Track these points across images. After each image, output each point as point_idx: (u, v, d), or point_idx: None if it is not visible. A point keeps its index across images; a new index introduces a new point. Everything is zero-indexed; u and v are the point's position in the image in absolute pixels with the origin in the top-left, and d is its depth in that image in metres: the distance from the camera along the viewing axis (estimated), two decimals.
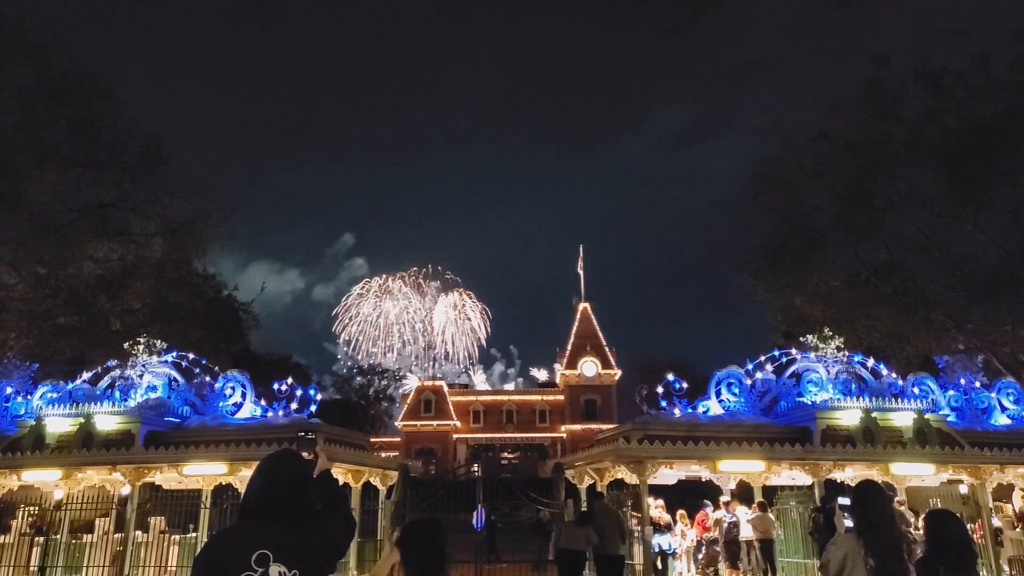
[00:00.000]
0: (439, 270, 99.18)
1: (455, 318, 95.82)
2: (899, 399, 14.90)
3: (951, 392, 17.01)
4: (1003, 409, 17.19)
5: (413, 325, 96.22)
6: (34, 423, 15.19)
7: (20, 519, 15.35)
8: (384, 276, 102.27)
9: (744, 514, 14.89)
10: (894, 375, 15.99)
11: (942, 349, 22.97)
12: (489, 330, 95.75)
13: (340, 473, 15.03)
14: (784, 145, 25.81)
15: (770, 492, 16.49)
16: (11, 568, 14.44)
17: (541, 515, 19.59)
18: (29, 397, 16.73)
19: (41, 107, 21.16)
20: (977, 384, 17.64)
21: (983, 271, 22.27)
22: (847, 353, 15.88)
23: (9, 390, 17.34)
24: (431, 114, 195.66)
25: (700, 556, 15.88)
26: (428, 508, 15.64)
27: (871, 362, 16.10)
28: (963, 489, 15.26)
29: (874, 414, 14.58)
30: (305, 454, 3.05)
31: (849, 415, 14.59)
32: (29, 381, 17.68)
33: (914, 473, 14.91)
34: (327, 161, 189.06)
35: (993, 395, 17.32)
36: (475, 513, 18.87)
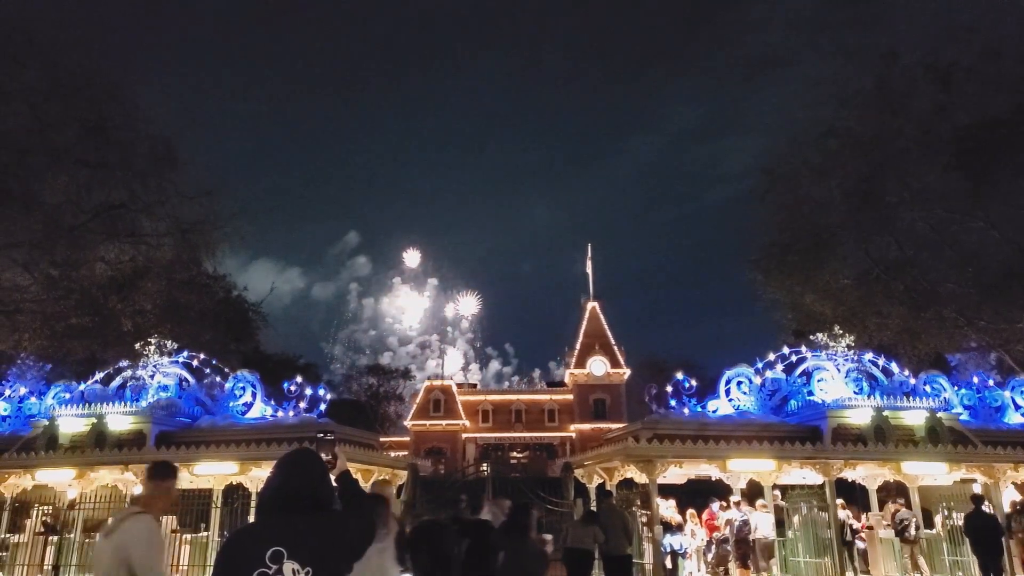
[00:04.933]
0: (439, 270, 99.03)
1: (452, 320, 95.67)
2: (911, 397, 14.81)
3: (964, 390, 16.90)
4: (1016, 407, 17.04)
5: (408, 329, 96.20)
6: (47, 423, 15.34)
7: (34, 518, 15.50)
8: (380, 288, 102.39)
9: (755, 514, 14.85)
10: (906, 373, 15.89)
11: (954, 347, 22.81)
12: (483, 330, 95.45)
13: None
14: (793, 142, 25.68)
15: (780, 491, 16.42)
16: (26, 567, 14.59)
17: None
18: (42, 397, 16.89)
19: (51, 109, 21.29)
20: (990, 382, 17.50)
21: (995, 267, 22.08)
22: (858, 351, 15.79)
23: (23, 390, 17.52)
24: (439, 113, 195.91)
25: (710, 556, 15.84)
26: (437, 507, 15.67)
27: (882, 360, 16.00)
28: (976, 488, 15.16)
29: (885, 412, 14.49)
30: (324, 455, 3.06)
31: (860, 414, 14.50)
32: (42, 381, 17.86)
33: (926, 472, 14.82)
34: (334, 160, 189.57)
35: (1006, 393, 17.18)
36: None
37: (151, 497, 4.36)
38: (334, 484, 3.00)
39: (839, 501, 15.28)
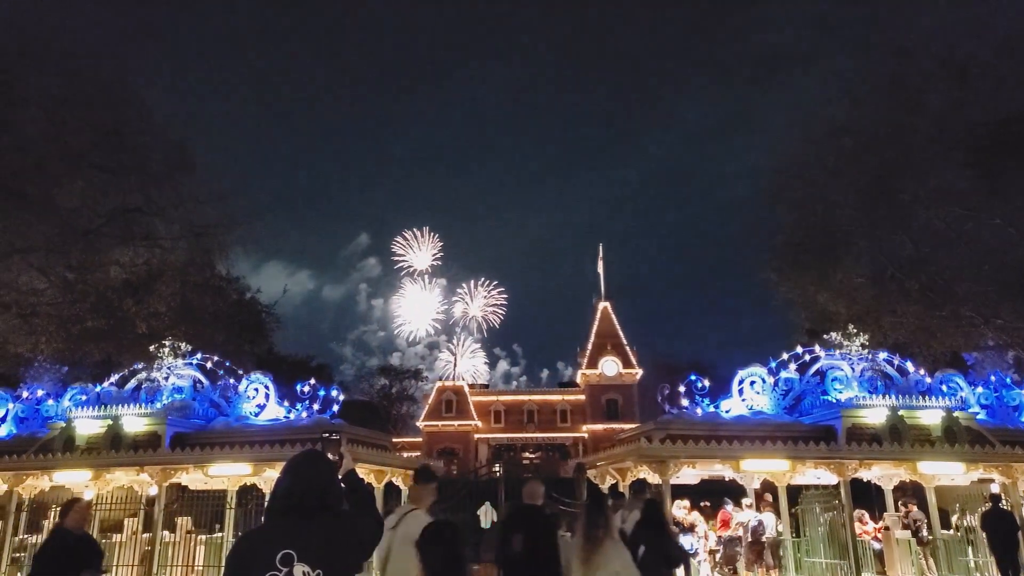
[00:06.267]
0: (448, 271, 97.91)
1: (462, 319, 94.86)
2: (927, 397, 14.65)
3: (981, 389, 16.68)
4: None
5: (417, 331, 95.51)
6: (64, 425, 15.52)
7: (51, 519, 15.68)
8: (390, 288, 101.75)
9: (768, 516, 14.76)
10: (921, 372, 15.71)
11: (971, 345, 22.54)
12: (491, 330, 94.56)
13: (363, 473, 15.13)
14: (806, 141, 25.49)
15: (794, 492, 16.30)
16: None
17: None
18: (59, 399, 17.09)
19: (68, 114, 21.55)
20: (1008, 381, 17.27)
21: (1013, 265, 21.79)
22: (872, 350, 15.64)
23: (40, 392, 17.74)
24: (446, 115, 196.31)
25: (719, 555, 15.76)
26: (450, 508, 15.69)
27: (897, 359, 15.84)
28: (994, 488, 14.99)
29: (901, 412, 14.35)
30: (330, 455, 3.08)
31: (875, 413, 14.38)
32: (59, 384, 18.08)
33: (943, 472, 14.64)
34: (344, 163, 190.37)
35: None
36: (483, 511, 18.71)
37: (419, 496, 5.72)
38: (341, 484, 3.02)
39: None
